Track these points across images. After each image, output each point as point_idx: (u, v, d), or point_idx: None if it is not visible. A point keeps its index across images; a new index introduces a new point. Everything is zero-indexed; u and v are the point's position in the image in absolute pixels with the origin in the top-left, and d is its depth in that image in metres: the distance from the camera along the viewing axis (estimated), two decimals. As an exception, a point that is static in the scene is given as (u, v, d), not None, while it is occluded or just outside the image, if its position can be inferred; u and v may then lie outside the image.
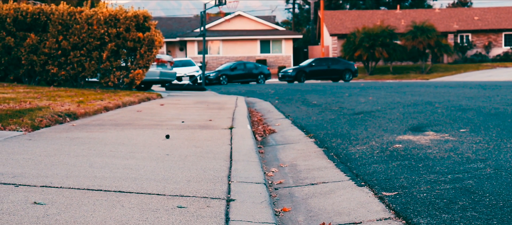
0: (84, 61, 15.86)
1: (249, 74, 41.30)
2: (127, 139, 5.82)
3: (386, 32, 47.66)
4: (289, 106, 12.68)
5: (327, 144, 6.12)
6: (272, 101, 14.77)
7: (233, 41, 56.43)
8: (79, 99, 10.67)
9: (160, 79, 20.03)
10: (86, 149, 5.09)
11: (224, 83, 39.76)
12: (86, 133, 6.25)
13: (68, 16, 15.96)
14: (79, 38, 15.77)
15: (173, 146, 5.39)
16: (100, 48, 15.88)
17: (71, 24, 15.93)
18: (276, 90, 22.36)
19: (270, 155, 5.95)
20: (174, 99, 14.45)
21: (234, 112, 9.71)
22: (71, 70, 15.93)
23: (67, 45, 15.75)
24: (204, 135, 6.28)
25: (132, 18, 15.88)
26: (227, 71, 40.80)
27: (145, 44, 15.81)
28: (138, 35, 15.79)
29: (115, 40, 15.77)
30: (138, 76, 15.81)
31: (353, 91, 17.75)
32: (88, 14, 15.92)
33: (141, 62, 15.86)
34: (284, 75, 41.42)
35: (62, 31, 15.89)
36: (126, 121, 7.77)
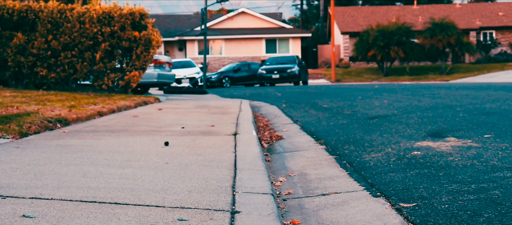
0: (76, 62, 15.89)
1: (253, 76, 41.32)
2: (123, 147, 5.82)
3: (402, 29, 47.57)
4: (298, 110, 12.68)
5: (339, 151, 6.11)
6: (279, 105, 14.77)
7: (237, 40, 56.50)
8: (70, 103, 10.69)
9: (158, 82, 20.05)
10: (79, 157, 5.09)
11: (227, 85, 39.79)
12: (78, 140, 6.26)
13: (58, 14, 16.00)
14: (70, 38, 15.80)
15: (173, 154, 5.39)
16: (93, 48, 15.91)
17: (62, 22, 15.96)
18: (284, 93, 22.35)
19: (278, 163, 5.94)
20: (173, 103, 14.47)
21: (238, 117, 9.71)
22: (61, 72, 15.96)
23: (57, 45, 15.79)
24: (206, 142, 6.29)
25: (128, 16, 15.91)
26: (230, 73, 40.85)
27: (142, 44, 15.84)
28: (134, 34, 15.81)
29: (109, 40, 15.80)
30: (134, 78, 15.83)
31: (367, 93, 17.74)
32: (80, 12, 15.96)
33: (137, 63, 15.88)
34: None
35: (52, 30, 15.92)
36: (122, 127, 7.77)
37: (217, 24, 58.44)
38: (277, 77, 36.12)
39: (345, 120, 9.49)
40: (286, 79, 35.84)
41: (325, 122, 9.45)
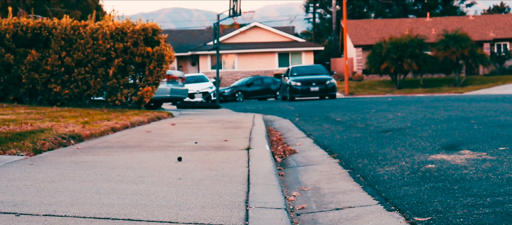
0: (89, 78, 15.96)
1: (266, 90, 41.37)
2: (136, 162, 5.83)
3: (415, 42, 47.45)
4: (311, 124, 12.66)
5: (352, 165, 6.09)
6: (292, 118, 14.75)
7: (249, 54, 56.58)
8: (84, 119, 10.73)
9: (171, 97, 20.11)
10: (92, 173, 5.11)
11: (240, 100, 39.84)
12: (92, 157, 6.28)
13: (72, 30, 16.10)
14: (83, 54, 15.89)
15: (186, 169, 5.39)
16: (106, 64, 15.99)
17: (75, 39, 16.06)
18: (296, 106, 22.33)
19: (291, 177, 5.93)
20: (186, 118, 14.49)
21: (251, 132, 9.71)
22: (75, 89, 16.03)
23: (71, 61, 15.87)
24: (219, 157, 6.28)
25: (140, 32, 15.98)
26: (243, 87, 40.90)
27: (155, 59, 15.89)
28: (147, 50, 15.88)
29: (122, 56, 15.87)
30: (147, 94, 15.88)
31: (380, 107, 17.69)
32: (93, 28, 16.05)
33: (150, 78, 15.93)
34: None
35: (65, 46, 16.02)
36: (135, 143, 7.79)
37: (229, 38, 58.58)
38: (316, 90, 30.75)
39: (359, 133, 9.46)
40: (325, 92, 30.88)
41: (339, 135, 9.43)
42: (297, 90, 30.61)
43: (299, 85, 30.56)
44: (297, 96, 30.68)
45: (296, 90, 30.62)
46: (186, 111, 19.48)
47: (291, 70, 32.74)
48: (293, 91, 30.65)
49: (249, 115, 15.90)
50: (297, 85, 30.63)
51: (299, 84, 30.58)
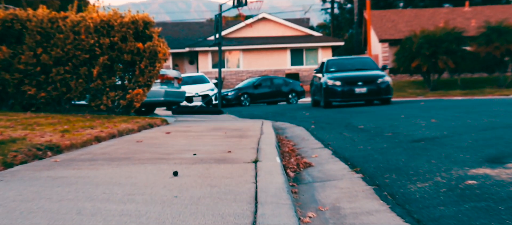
0: (70, 79, 15.97)
1: (277, 92, 41.42)
2: (124, 178, 5.82)
3: (451, 35, 47.31)
4: (329, 132, 12.63)
5: (378, 181, 6.06)
6: (307, 125, 14.73)
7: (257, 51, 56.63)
8: (63, 127, 10.73)
9: (165, 101, 20.11)
10: (73, 191, 5.09)
11: (246, 104, 39.87)
12: (72, 171, 6.27)
13: (49, 23, 16.12)
14: (63, 51, 15.91)
15: (183, 186, 5.37)
16: (89, 62, 16.00)
17: (53, 33, 16.08)
18: (312, 111, 22.31)
19: (306, 195, 5.90)
20: (183, 125, 14.47)
21: (259, 141, 9.68)
22: (53, 91, 16.04)
23: (48, 59, 15.89)
24: (221, 171, 6.26)
25: (130, 25, 16.00)
26: (249, 89, 40.94)
27: (146, 57, 15.91)
28: (138, 46, 15.89)
29: (109, 53, 15.89)
30: (137, 97, 15.89)
31: (411, 111, 17.65)
32: (74, 21, 16.07)
33: (141, 79, 15.94)
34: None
35: (42, 42, 16.03)
36: (123, 155, 7.78)
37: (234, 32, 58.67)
38: (363, 91, 25.32)
39: (386, 143, 9.43)
40: (376, 95, 25.58)
41: (362, 146, 9.39)
42: (336, 92, 25.20)
43: (338, 85, 25.22)
44: (335, 100, 25.46)
45: (334, 92, 25.24)
46: (183, 117, 19.49)
47: (327, 63, 27.69)
48: (329, 94, 25.27)
49: (256, 122, 15.88)
50: (335, 85, 25.28)
51: (338, 84, 25.23)
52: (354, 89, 25.09)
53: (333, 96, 25.21)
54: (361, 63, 28.08)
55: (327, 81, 25.45)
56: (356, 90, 25.09)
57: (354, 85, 25.21)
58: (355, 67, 27.39)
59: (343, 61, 28.60)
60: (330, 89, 25.26)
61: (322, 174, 7.09)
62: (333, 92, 25.18)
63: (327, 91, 25.29)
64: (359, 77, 25.58)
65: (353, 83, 25.22)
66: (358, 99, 25.35)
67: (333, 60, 28.40)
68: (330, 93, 25.22)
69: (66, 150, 8.21)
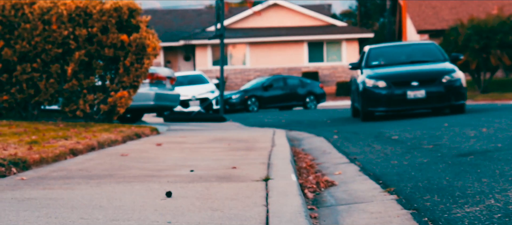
0: (38, 79, 16.00)
1: (291, 95, 41.50)
2: (106, 199, 5.83)
3: (507, 25, 46.94)
4: (355, 143, 12.63)
5: (417, 204, 6.06)
6: (329, 135, 14.73)
7: (267, 44, 56.73)
8: (31, 138, 10.75)
9: (155, 105, 20.16)
10: (44, 216, 5.10)
11: (254, 109, 39.95)
12: (43, 191, 6.28)
13: (13, 10, 16.13)
14: (29, 44, 15.93)
15: (178, 209, 5.38)
16: (62, 59, 16.03)
17: (17, 22, 16.10)
18: (334, 118, 22.32)
19: (328, 221, 5.91)
20: (177, 135, 14.50)
21: (271, 155, 9.70)
22: (17, 94, 16.07)
23: (12, 55, 15.91)
24: (225, 191, 6.27)
25: (112, 12, 16.02)
26: (258, 91, 41.02)
27: (132, 52, 15.93)
28: (122, 38, 15.91)
29: (86, 46, 15.91)
30: (121, 101, 15.90)
31: (456, 119, 17.64)
32: (43, 8, 16.09)
33: (126, 79, 15.96)
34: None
35: (4, 33, 16.05)
36: (105, 171, 7.79)
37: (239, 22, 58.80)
38: (421, 95, 20.19)
39: (425, 157, 9.43)
40: (442, 101, 20.69)
41: (396, 160, 9.39)
42: (378, 97, 20.33)
43: (381, 86, 20.31)
44: (378, 110, 20.81)
45: (375, 98, 20.38)
46: (177, 126, 19.52)
47: (369, 54, 22.78)
48: (368, 100, 20.44)
49: (267, 131, 15.90)
50: (377, 86, 20.40)
51: (381, 85, 20.34)
52: (405, 92, 20.03)
53: (374, 103, 20.36)
54: (421, 53, 23.24)
55: (365, 80, 20.53)
56: (409, 93, 20.00)
57: (406, 86, 20.20)
58: (411, 58, 22.60)
59: (393, 49, 24.21)
60: (369, 93, 20.30)
61: (347, 195, 7.09)
62: (373, 97, 20.27)
63: (365, 96, 20.32)
64: (414, 73, 20.75)
65: (404, 84, 20.29)
66: (413, 106, 20.60)
67: (378, 49, 23.62)
68: (369, 98, 20.28)
69: (34, 165, 8.22)
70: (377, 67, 21.67)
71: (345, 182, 7.95)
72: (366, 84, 20.38)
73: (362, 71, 21.39)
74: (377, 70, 21.19)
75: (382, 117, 20.98)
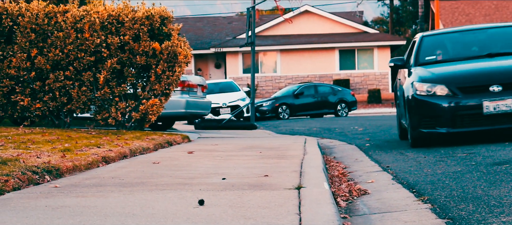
0: (71, 87, 16.06)
1: (323, 103, 41.43)
2: (139, 207, 5.84)
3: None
4: (388, 151, 12.60)
5: (452, 213, 6.03)
6: (361, 144, 14.69)
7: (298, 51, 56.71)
8: (64, 145, 10.79)
9: (186, 113, 20.20)
10: (78, 224, 5.12)
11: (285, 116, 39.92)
12: (76, 199, 6.30)
13: (46, 19, 16.20)
14: (62, 53, 16.00)
15: (211, 217, 5.38)
16: (95, 66, 16.09)
17: (51, 31, 16.16)
18: (366, 126, 22.26)
19: (362, 230, 5.90)
20: (209, 143, 14.50)
21: (302, 163, 9.68)
22: (50, 102, 16.14)
23: (45, 63, 15.98)
24: (257, 199, 6.27)
25: (144, 20, 16.06)
26: (289, 99, 41.00)
27: (164, 60, 15.96)
28: (153, 46, 15.95)
29: (118, 54, 15.96)
30: (153, 108, 15.94)
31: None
32: (76, 16, 16.15)
33: (157, 87, 15.99)
34: None
35: (37, 42, 16.12)
36: (137, 179, 7.81)
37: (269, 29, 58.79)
38: (507, 108, 13.13)
39: (460, 166, 9.38)
40: None
41: (430, 169, 9.34)
42: (437, 110, 13.37)
43: (443, 93, 13.41)
44: (437, 129, 13.38)
45: (434, 112, 13.45)
46: (208, 133, 19.54)
47: (422, 44, 15.46)
48: (421, 115, 13.53)
49: (298, 139, 15.87)
50: (434, 94, 13.46)
51: (443, 92, 13.41)
52: (481, 102, 13.03)
53: (429, 120, 13.43)
54: (503, 41, 15.63)
55: (415, 85, 13.65)
56: (488, 104, 13.02)
57: (482, 92, 13.26)
58: (487, 49, 15.03)
59: (458, 37, 16.32)
60: (421, 104, 13.43)
61: (380, 203, 7.07)
62: (428, 111, 13.39)
63: (415, 109, 13.52)
64: (494, 72, 13.70)
65: (478, 89, 13.34)
66: (493, 125, 13.27)
67: (434, 37, 16.15)
68: (422, 113, 13.45)
69: (67, 173, 8.25)
70: (433, 65, 14.46)
71: (378, 191, 7.93)
72: (416, 91, 13.38)
73: (410, 70, 14.42)
74: (434, 69, 14.03)
75: (445, 142, 13.79)
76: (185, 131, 20.24)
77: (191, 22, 64.86)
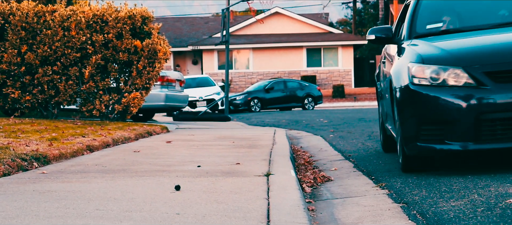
0: (58, 81, 16.02)
1: (291, 97, 41.44)
2: (120, 192, 5.83)
3: None
4: (350, 142, 12.62)
5: (407, 198, 6.05)
6: (326, 134, 14.72)
7: (269, 50, 56.71)
8: (51, 135, 10.76)
9: (165, 106, 20.15)
10: (63, 207, 5.10)
11: (256, 109, 39.90)
12: (62, 184, 6.28)
13: (35, 17, 16.16)
14: (50, 49, 15.95)
15: (186, 202, 5.38)
16: (80, 62, 16.04)
17: (40, 29, 16.12)
18: (331, 118, 22.31)
19: (325, 213, 5.91)
20: (186, 133, 14.49)
21: (272, 152, 9.69)
22: (39, 94, 16.09)
23: (34, 58, 15.93)
24: (229, 185, 6.27)
25: (126, 20, 16.03)
26: (260, 93, 40.99)
27: (145, 56, 15.94)
28: (135, 44, 15.93)
29: (102, 51, 15.92)
30: (134, 101, 15.92)
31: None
32: (63, 15, 16.11)
33: (138, 81, 15.97)
34: None
35: (27, 39, 16.08)
36: (119, 166, 7.79)
37: (243, 29, 58.77)
38: None
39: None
40: None
41: (388, 158, 9.38)
42: (447, 109, 7.33)
43: (459, 82, 7.37)
44: (447, 144, 7.31)
45: (444, 114, 7.36)
46: (185, 124, 19.52)
47: (419, 6, 9.12)
48: (422, 120, 7.48)
49: (268, 130, 15.89)
50: (444, 83, 7.43)
51: (458, 80, 7.37)
52: None
53: (435, 128, 7.53)
54: None
55: (410, 69, 7.71)
56: None
57: None
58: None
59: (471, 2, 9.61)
60: (420, 101, 7.54)
61: (342, 189, 7.09)
62: (433, 111, 7.46)
63: (408, 108, 7.70)
64: None
65: None
66: None
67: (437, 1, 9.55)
68: (421, 115, 7.55)
69: (54, 160, 8.23)
70: (439, 37, 8.67)
71: (340, 178, 7.95)
72: (413, 79, 7.66)
73: (401, 46, 8.71)
74: (443, 43, 8.29)
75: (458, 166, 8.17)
76: (164, 122, 20.21)
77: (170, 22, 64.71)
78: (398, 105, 7.72)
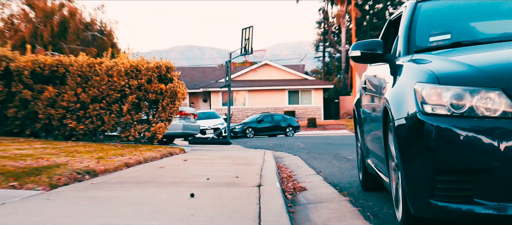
0: (104, 114, 16.03)
1: (276, 127, 41.40)
2: (150, 198, 5.83)
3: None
4: (320, 161, 12.63)
5: (362, 203, 6.06)
6: (302, 155, 14.72)
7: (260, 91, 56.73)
8: (98, 155, 10.75)
9: (183, 133, 20.15)
10: (107, 209, 5.11)
11: (251, 136, 39.83)
12: (106, 192, 6.28)
13: (88, 67, 16.22)
14: (98, 90, 15.99)
15: (198, 206, 5.39)
16: (120, 100, 16.06)
17: (91, 76, 16.17)
18: (306, 143, 22.30)
19: (301, 215, 5.90)
20: (198, 153, 14.47)
21: (262, 168, 9.68)
22: (90, 124, 16.10)
23: (86, 97, 15.97)
24: (231, 194, 6.27)
25: (154, 69, 16.08)
26: (253, 124, 40.94)
27: (168, 96, 15.96)
28: (160, 87, 15.95)
29: (136, 92, 15.95)
30: (160, 129, 15.92)
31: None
32: (108, 66, 16.17)
33: (163, 115, 15.98)
34: None
35: (81, 83, 16.12)
36: (148, 179, 7.79)
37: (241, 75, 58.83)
38: None
39: (368, 171, 9.41)
40: None
41: (348, 173, 9.39)
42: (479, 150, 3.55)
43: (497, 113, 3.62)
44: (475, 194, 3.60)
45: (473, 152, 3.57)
46: (197, 147, 19.48)
47: (417, 15, 5.38)
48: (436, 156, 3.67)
49: (259, 152, 15.88)
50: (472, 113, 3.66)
51: (498, 108, 3.62)
52: None
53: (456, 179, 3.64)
54: None
55: (419, 91, 3.90)
56: None
57: None
58: None
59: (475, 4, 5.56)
60: (436, 138, 3.67)
61: (315, 197, 7.08)
62: (457, 153, 3.61)
63: (417, 148, 3.81)
64: None
65: None
66: None
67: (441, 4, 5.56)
68: (437, 159, 3.67)
69: (100, 174, 8.23)
70: (449, 51, 4.62)
71: (313, 188, 7.94)
72: (424, 106, 3.81)
73: (395, 63, 5.08)
74: (461, 56, 4.26)
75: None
76: (182, 145, 20.17)
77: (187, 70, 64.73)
78: (400, 142, 4.05)
